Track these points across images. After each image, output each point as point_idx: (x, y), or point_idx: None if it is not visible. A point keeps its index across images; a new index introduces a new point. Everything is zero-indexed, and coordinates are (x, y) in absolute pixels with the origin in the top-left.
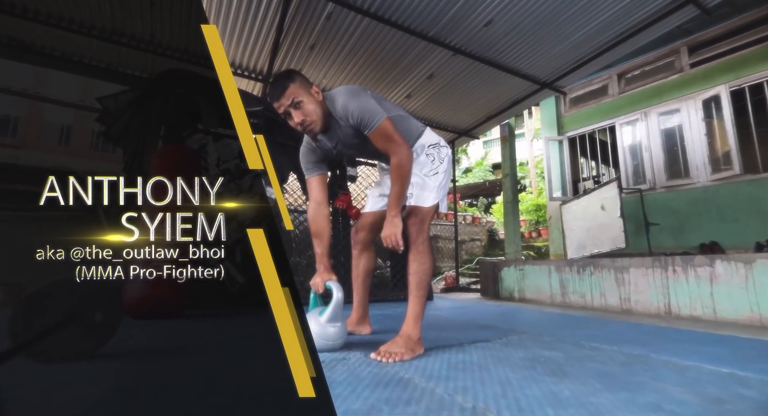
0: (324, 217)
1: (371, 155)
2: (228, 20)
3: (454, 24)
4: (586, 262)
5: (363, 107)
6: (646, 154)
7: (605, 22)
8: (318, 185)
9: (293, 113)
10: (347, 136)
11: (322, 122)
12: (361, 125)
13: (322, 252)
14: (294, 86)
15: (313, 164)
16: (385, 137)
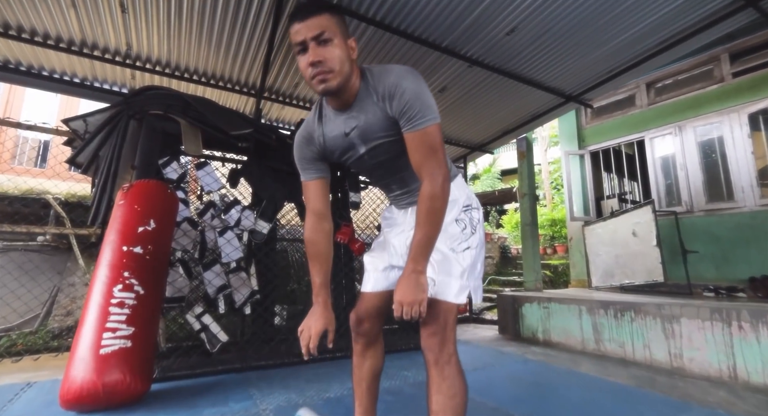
0: (325, 236)
1: (388, 168)
2: (213, 31)
3: (472, 33)
4: (625, 305)
5: (421, 94)
6: (681, 172)
7: (648, 27)
8: (317, 192)
9: (313, 48)
10: (374, 122)
11: (345, 81)
12: (406, 114)
13: (321, 282)
14: (330, 18)
15: (309, 163)
16: (430, 146)
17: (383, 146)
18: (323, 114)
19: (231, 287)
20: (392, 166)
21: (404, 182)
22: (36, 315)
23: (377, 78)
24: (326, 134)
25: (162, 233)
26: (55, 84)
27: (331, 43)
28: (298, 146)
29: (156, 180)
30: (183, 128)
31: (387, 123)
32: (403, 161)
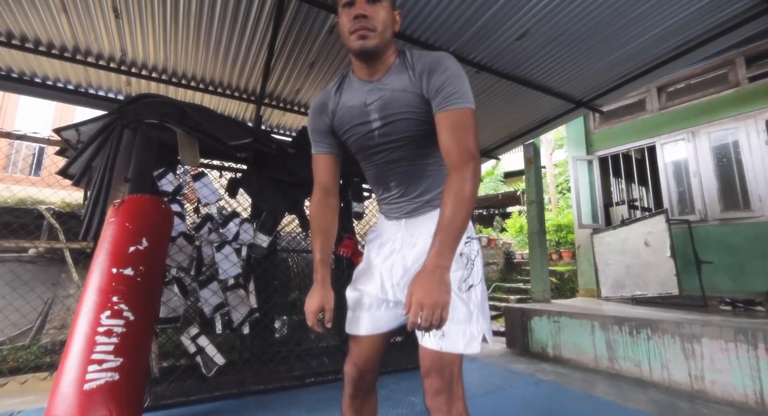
0: (331, 210)
1: (395, 153)
2: (211, 37)
3: (480, 38)
4: (641, 322)
5: (463, 77)
6: (695, 180)
7: (663, 32)
8: (327, 167)
9: (361, 3)
10: (400, 96)
11: (383, 45)
12: (444, 90)
13: (321, 258)
14: None
15: (321, 135)
16: (465, 126)
17: (400, 124)
18: (345, 83)
19: (228, 306)
20: (401, 151)
21: (407, 179)
22: (30, 328)
23: (416, 57)
24: (344, 102)
25: (155, 251)
26: (49, 91)
27: (380, 4)
28: (311, 116)
29: (149, 195)
30: (179, 137)
31: (415, 100)
32: (414, 149)
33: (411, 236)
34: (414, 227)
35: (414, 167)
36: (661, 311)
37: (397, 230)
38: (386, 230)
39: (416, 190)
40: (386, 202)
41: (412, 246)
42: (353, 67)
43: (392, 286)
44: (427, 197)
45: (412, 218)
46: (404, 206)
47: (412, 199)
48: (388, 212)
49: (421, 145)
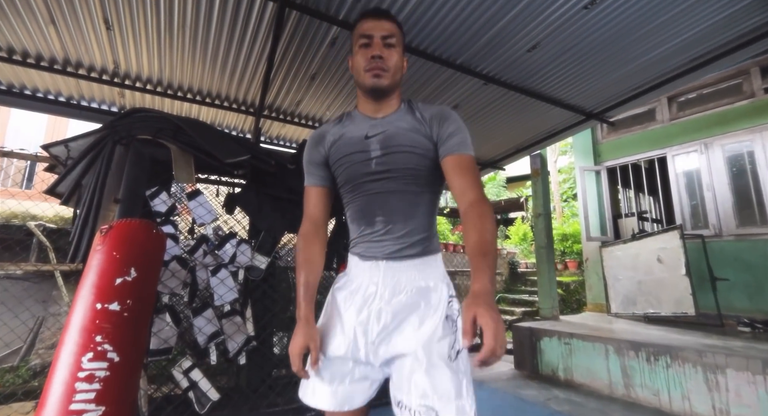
0: (319, 244)
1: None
2: (207, 49)
3: (489, 50)
4: (659, 348)
5: (466, 129)
6: (708, 193)
7: (679, 45)
8: (318, 199)
9: (378, 45)
10: (406, 133)
11: (393, 85)
12: (454, 137)
13: (306, 294)
14: (398, 29)
15: (315, 167)
16: (474, 170)
17: (401, 156)
18: (347, 118)
19: (224, 335)
20: (395, 182)
21: (396, 214)
22: (20, 347)
23: (423, 106)
24: (344, 134)
25: (145, 282)
26: (39, 103)
27: (394, 49)
28: (308, 147)
29: (140, 220)
30: (173, 154)
31: (421, 140)
32: (408, 183)
33: (393, 283)
34: (396, 272)
35: (405, 202)
36: (677, 332)
37: (375, 274)
38: (360, 274)
39: (403, 228)
40: (366, 240)
41: (393, 295)
42: (359, 103)
43: (366, 344)
44: (412, 240)
45: (394, 261)
46: (387, 245)
47: (397, 238)
48: (366, 250)
49: (416, 180)
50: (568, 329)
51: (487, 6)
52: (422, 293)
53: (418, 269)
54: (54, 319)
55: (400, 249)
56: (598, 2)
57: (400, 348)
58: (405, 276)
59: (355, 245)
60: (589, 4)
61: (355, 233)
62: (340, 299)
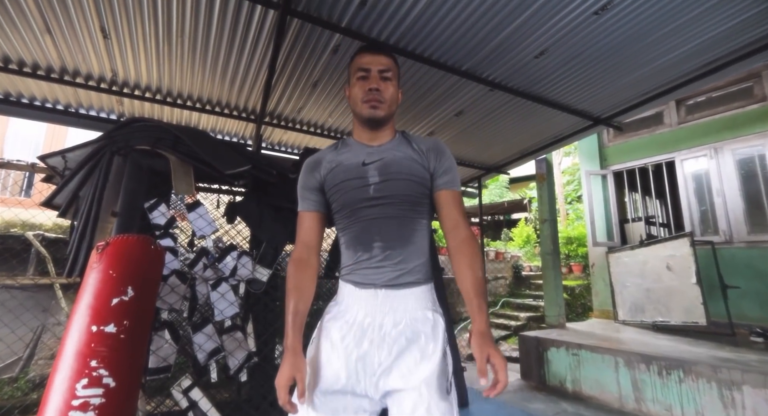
0: (311, 270)
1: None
2: (207, 56)
3: (496, 57)
4: (671, 362)
5: (456, 165)
6: (718, 199)
7: (692, 50)
8: (311, 224)
9: (375, 78)
10: (403, 161)
11: (388, 116)
12: (448, 174)
13: (294, 322)
14: (395, 64)
15: (310, 192)
16: (463, 207)
17: (400, 183)
18: (342, 145)
19: (224, 351)
20: (394, 208)
21: (393, 240)
22: (19, 358)
23: (417, 138)
24: (341, 161)
25: (143, 301)
26: (37, 112)
27: (390, 82)
28: (302, 173)
29: (138, 236)
30: (172, 164)
31: (419, 169)
32: (406, 209)
33: (392, 313)
34: (395, 301)
35: (403, 228)
36: (687, 343)
37: (373, 304)
38: (354, 303)
39: (401, 254)
40: (363, 267)
41: (393, 326)
42: (354, 131)
43: (366, 377)
44: (409, 266)
45: (393, 289)
46: (386, 271)
47: (395, 264)
48: (363, 278)
49: (413, 207)
50: (575, 339)
51: (494, 13)
52: (422, 324)
53: (417, 299)
54: (53, 329)
55: (399, 276)
56: (609, 8)
57: (401, 382)
58: (404, 306)
59: (350, 272)
60: (600, 10)
61: (351, 259)
62: (334, 330)
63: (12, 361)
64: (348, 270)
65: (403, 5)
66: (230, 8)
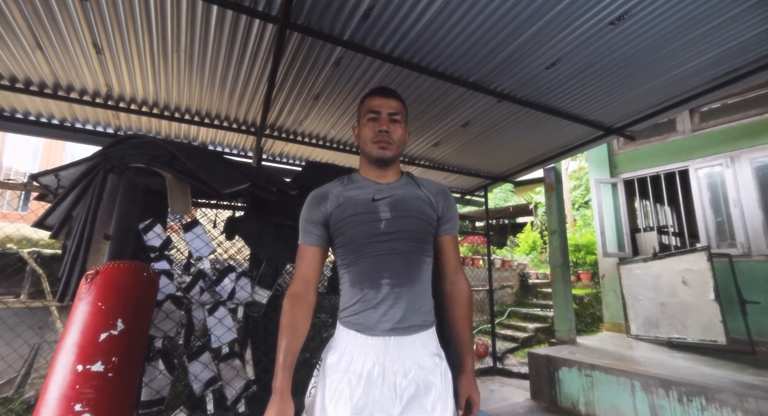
0: (307, 307)
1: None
2: (204, 70)
3: (504, 68)
4: (693, 388)
5: None
6: (735, 210)
7: (710, 60)
8: (312, 259)
9: (385, 120)
10: (413, 200)
11: (396, 156)
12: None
13: (285, 361)
14: (404, 108)
15: (313, 225)
16: (458, 250)
17: (411, 221)
18: (350, 180)
19: (221, 381)
20: (404, 244)
21: (403, 276)
22: (15, 377)
23: (423, 180)
24: (350, 196)
25: (133, 333)
26: (31, 127)
27: (399, 125)
28: (307, 205)
29: (129, 263)
30: (169, 183)
31: (427, 209)
32: (415, 246)
33: (401, 359)
34: (403, 348)
35: (412, 265)
36: (707, 363)
37: (382, 353)
38: (360, 351)
39: (409, 292)
40: (370, 307)
41: (404, 376)
42: (361, 169)
43: None
44: (416, 305)
45: (401, 336)
46: (394, 312)
47: (404, 302)
48: (370, 319)
49: (421, 245)
50: (588, 358)
51: (503, 25)
52: (431, 374)
53: (424, 344)
54: (50, 347)
55: (407, 317)
56: (625, 18)
57: None
58: (412, 354)
59: (354, 314)
60: (616, 20)
61: (355, 297)
62: (343, 384)
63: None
64: (351, 311)
65: (408, 18)
66: (227, 22)
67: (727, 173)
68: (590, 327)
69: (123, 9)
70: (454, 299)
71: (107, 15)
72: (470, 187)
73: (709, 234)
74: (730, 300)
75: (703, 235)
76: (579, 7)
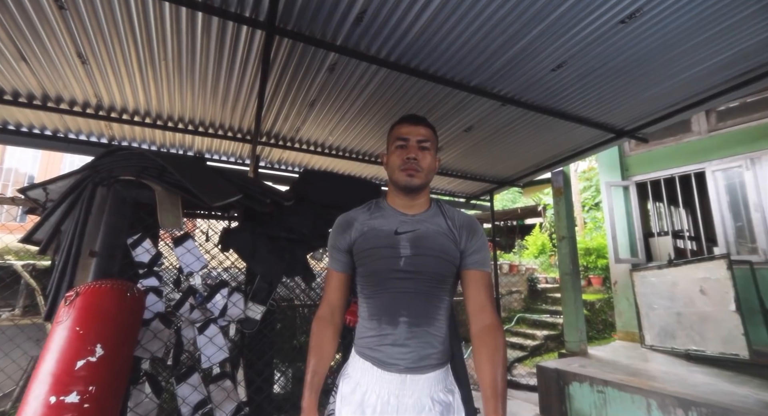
0: (333, 329)
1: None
2: (195, 79)
3: (507, 71)
4: (715, 410)
5: (487, 244)
6: (756, 214)
7: (727, 60)
8: (339, 284)
9: (413, 147)
10: (436, 237)
11: (425, 184)
12: (479, 253)
13: (312, 381)
14: (433, 134)
15: (339, 253)
16: (491, 288)
17: (430, 260)
18: (375, 209)
19: (211, 404)
20: (422, 284)
21: (420, 316)
22: (12, 390)
23: (452, 210)
24: (373, 225)
25: (115, 359)
26: (24, 138)
27: (429, 152)
28: (334, 230)
29: (112, 283)
30: (158, 196)
31: (450, 245)
32: (434, 286)
33: (415, 394)
34: (418, 384)
35: (430, 306)
36: (728, 379)
37: (398, 387)
38: (376, 384)
39: (426, 333)
40: (388, 343)
41: (418, 413)
42: (389, 197)
43: None
44: (434, 345)
45: (416, 373)
46: (411, 351)
47: (420, 343)
48: (388, 356)
49: (441, 285)
50: (600, 372)
51: (504, 28)
52: (447, 409)
53: (437, 381)
54: None
55: (424, 357)
56: (638, 16)
57: None
58: (427, 391)
59: (371, 347)
60: (627, 18)
61: (373, 330)
62: (353, 412)
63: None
64: (367, 343)
65: (402, 22)
66: (214, 29)
67: (747, 175)
68: (602, 334)
69: (104, 17)
70: (479, 339)
71: (88, 23)
72: (475, 191)
73: (728, 239)
74: (752, 310)
75: (722, 240)
76: (587, 5)
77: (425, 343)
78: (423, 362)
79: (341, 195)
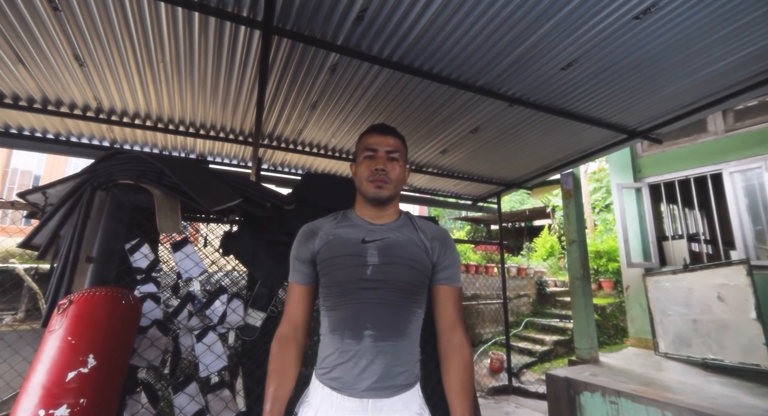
0: (296, 349)
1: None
2: (194, 81)
3: (514, 71)
4: None
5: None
6: None
7: (743, 59)
8: (300, 299)
9: (382, 158)
10: (407, 245)
11: (394, 196)
12: (450, 268)
13: (273, 408)
14: (402, 145)
15: (301, 263)
16: (460, 304)
17: (401, 269)
18: (344, 217)
19: (209, 414)
20: (390, 294)
21: (386, 328)
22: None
23: (423, 222)
24: (339, 234)
25: (108, 369)
26: (27, 142)
27: (397, 162)
28: (297, 241)
29: (107, 289)
30: (157, 200)
31: (421, 255)
32: (402, 297)
33: None
34: (382, 411)
35: (398, 317)
36: (749, 391)
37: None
38: (334, 411)
39: (393, 348)
40: (348, 359)
41: None
42: (357, 207)
43: None
44: (400, 362)
45: (380, 398)
46: (374, 369)
47: (386, 358)
48: (348, 374)
49: (410, 295)
50: (612, 381)
51: (510, 26)
52: None
53: (405, 404)
54: None
55: (388, 375)
56: (652, 12)
57: None
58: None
59: (331, 368)
60: (641, 14)
61: (333, 346)
62: None
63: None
64: (328, 364)
65: (405, 20)
66: (211, 30)
67: (767, 177)
68: (613, 340)
69: (100, 18)
70: (449, 360)
71: (84, 26)
72: (482, 194)
73: (746, 244)
74: None
75: (740, 244)
76: (599, 0)
77: (392, 359)
78: (388, 382)
79: (344, 198)
